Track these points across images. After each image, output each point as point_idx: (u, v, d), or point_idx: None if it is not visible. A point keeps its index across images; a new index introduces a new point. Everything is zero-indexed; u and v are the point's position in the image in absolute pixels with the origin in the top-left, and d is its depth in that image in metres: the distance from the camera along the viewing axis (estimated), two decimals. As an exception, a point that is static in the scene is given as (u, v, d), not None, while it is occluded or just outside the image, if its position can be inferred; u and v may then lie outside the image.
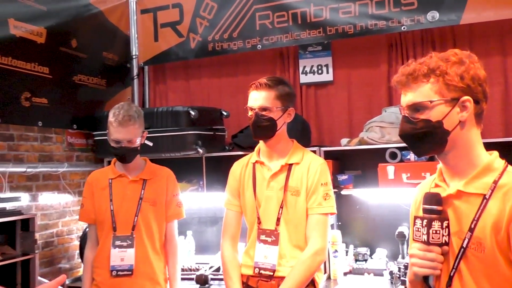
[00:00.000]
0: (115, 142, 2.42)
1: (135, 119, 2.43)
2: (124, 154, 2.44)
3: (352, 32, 3.37)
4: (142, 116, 2.51)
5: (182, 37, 3.92)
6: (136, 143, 2.45)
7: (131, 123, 2.40)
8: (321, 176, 2.20)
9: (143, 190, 2.52)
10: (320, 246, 2.13)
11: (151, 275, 2.50)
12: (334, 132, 3.64)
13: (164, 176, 2.62)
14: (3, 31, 2.87)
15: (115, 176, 2.54)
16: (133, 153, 2.48)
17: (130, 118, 2.40)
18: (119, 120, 2.38)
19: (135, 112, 2.44)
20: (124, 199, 2.50)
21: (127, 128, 2.39)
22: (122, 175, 2.54)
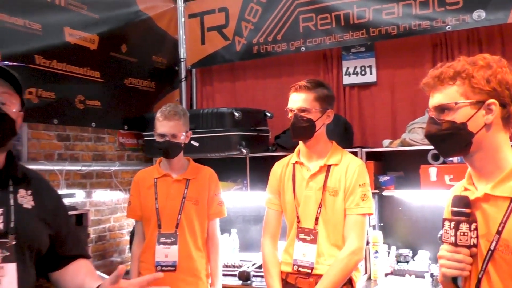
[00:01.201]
0: (160, 136, 2.54)
1: (180, 115, 2.56)
2: (168, 148, 2.55)
3: (395, 33, 3.36)
4: (187, 116, 2.63)
5: (228, 40, 4.03)
6: (180, 139, 2.56)
7: (176, 118, 2.54)
8: (359, 177, 2.24)
9: (186, 189, 2.63)
10: (357, 246, 2.17)
11: (193, 271, 2.61)
12: (377, 133, 3.64)
13: (206, 176, 2.72)
14: (59, 39, 3.07)
15: (160, 176, 2.66)
16: (176, 149, 2.59)
17: (175, 113, 2.54)
18: (165, 114, 2.53)
19: (181, 110, 2.59)
20: (168, 197, 2.62)
21: (172, 122, 2.53)
22: (167, 175, 2.65)
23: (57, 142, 3.22)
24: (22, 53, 2.82)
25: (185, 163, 2.72)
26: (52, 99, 3.01)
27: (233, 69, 4.19)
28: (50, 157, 3.15)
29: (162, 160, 2.71)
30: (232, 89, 4.21)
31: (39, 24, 2.92)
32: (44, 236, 1.50)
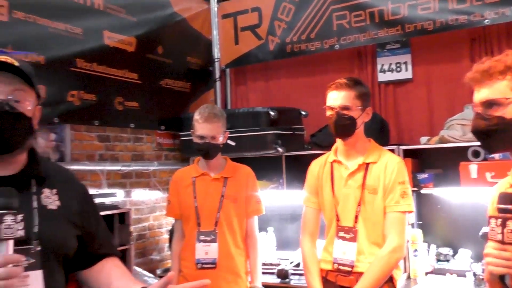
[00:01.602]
0: (199, 138, 2.57)
1: (219, 117, 2.59)
2: (208, 149, 2.58)
3: (431, 28, 3.32)
4: (225, 116, 2.66)
5: (261, 39, 4.06)
6: (219, 141, 2.60)
7: (215, 120, 2.56)
8: (398, 175, 2.23)
9: (224, 188, 2.65)
10: (397, 244, 2.16)
11: (233, 268, 2.63)
12: (413, 130, 3.60)
13: (244, 174, 2.74)
14: (99, 42, 3.15)
15: (198, 175, 2.69)
16: (215, 150, 2.62)
17: (214, 116, 2.56)
18: (205, 117, 2.55)
19: (219, 112, 2.62)
20: (206, 196, 2.65)
21: (212, 125, 2.55)
22: (205, 174, 2.69)
23: (98, 143, 3.31)
24: (64, 56, 2.90)
25: (222, 162, 2.74)
26: (93, 101, 3.09)
27: (267, 68, 4.21)
28: (91, 157, 3.24)
29: (200, 159, 2.74)
30: (265, 88, 4.23)
31: (80, 28, 3.00)
32: (71, 238, 1.42)
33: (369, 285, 2.13)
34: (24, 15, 2.69)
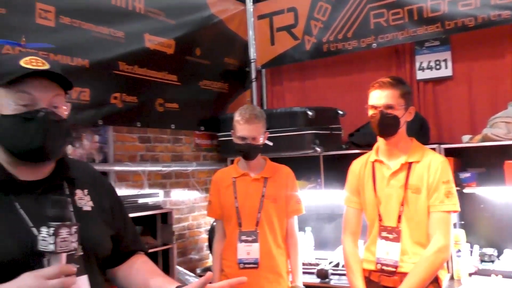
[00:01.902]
0: (240, 139, 2.59)
1: (260, 118, 2.60)
2: (248, 150, 2.60)
3: (473, 24, 3.25)
4: (265, 117, 2.67)
5: (297, 39, 4.06)
6: (259, 141, 2.61)
7: (257, 121, 2.57)
8: (442, 174, 2.20)
9: (265, 188, 2.66)
10: (443, 244, 2.13)
11: (274, 268, 2.64)
12: (454, 129, 3.54)
13: (284, 174, 2.75)
14: (140, 45, 3.21)
15: (238, 175, 2.71)
16: (256, 151, 2.63)
17: (255, 117, 2.57)
18: (246, 118, 2.56)
19: (259, 112, 2.63)
20: (247, 196, 2.66)
21: (253, 126, 2.56)
22: (245, 174, 2.70)
23: (139, 144, 3.38)
24: (107, 60, 2.97)
25: (262, 162, 2.76)
26: (134, 103, 3.16)
27: (303, 68, 4.21)
28: (133, 158, 3.31)
29: (240, 159, 2.76)
30: (302, 88, 4.23)
31: (122, 31, 3.07)
32: (108, 239, 1.40)
33: (415, 286, 2.11)
34: (70, 20, 2.77)
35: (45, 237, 1.10)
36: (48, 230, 1.10)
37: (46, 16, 2.65)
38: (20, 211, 1.21)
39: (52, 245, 1.09)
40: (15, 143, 1.23)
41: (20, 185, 1.24)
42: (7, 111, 1.21)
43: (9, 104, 1.21)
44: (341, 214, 3.77)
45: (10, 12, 2.48)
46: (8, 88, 1.21)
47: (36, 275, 1.09)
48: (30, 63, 1.22)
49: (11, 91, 1.21)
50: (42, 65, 1.24)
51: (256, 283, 2.58)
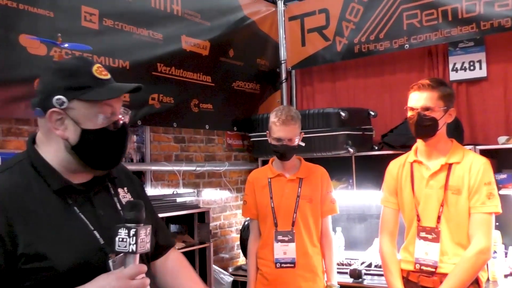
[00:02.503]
0: (276, 140, 2.61)
1: (296, 119, 2.62)
2: (284, 152, 2.62)
3: (509, 25, 3.23)
4: (300, 118, 2.69)
5: (328, 40, 4.08)
6: (295, 142, 2.63)
7: (293, 122, 2.59)
8: (484, 175, 2.20)
9: (300, 188, 2.68)
10: (485, 245, 2.13)
11: (310, 267, 2.66)
12: (488, 130, 3.53)
13: (318, 174, 2.76)
14: (177, 47, 3.28)
15: (273, 176, 2.74)
16: (292, 151, 2.65)
17: (292, 118, 2.59)
18: (283, 120, 2.58)
19: (295, 114, 2.65)
20: (283, 197, 2.69)
21: (289, 127, 2.58)
22: (280, 175, 2.72)
23: (174, 144, 3.44)
24: (146, 61, 3.05)
25: (297, 163, 2.78)
26: (171, 103, 3.22)
27: (333, 69, 4.23)
28: (168, 158, 3.38)
29: (274, 159, 2.79)
30: (332, 88, 4.25)
31: (160, 34, 3.14)
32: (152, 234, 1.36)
33: (455, 286, 2.12)
34: (113, 23, 2.84)
35: (124, 238, 1.15)
36: (127, 231, 1.15)
37: (90, 19, 2.73)
38: (81, 216, 1.25)
39: (134, 246, 1.14)
40: (99, 154, 1.27)
41: (76, 190, 1.27)
42: (90, 125, 1.24)
43: (97, 118, 1.24)
44: (371, 214, 3.86)
45: (58, 16, 2.56)
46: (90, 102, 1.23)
47: (118, 276, 1.14)
48: (100, 73, 1.26)
49: (94, 105, 1.24)
50: (107, 75, 1.29)
51: (293, 281, 2.61)
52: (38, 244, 1.15)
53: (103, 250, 1.22)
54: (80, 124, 1.23)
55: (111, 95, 1.25)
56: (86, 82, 1.23)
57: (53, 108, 1.21)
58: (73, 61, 1.32)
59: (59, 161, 1.26)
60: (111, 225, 1.21)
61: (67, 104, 1.21)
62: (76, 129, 1.23)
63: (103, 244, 1.23)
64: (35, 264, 1.14)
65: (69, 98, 1.21)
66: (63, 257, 1.16)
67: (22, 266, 1.13)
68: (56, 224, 1.19)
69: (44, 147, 1.28)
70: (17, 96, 2.40)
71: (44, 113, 1.22)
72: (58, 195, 1.23)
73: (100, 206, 1.30)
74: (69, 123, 1.23)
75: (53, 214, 1.21)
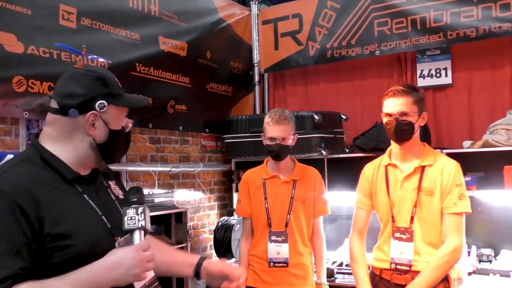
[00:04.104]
0: (270, 139, 2.66)
1: (289, 120, 2.68)
2: (278, 151, 2.66)
3: (474, 35, 3.40)
4: (294, 120, 2.75)
5: (301, 45, 4.17)
6: (289, 142, 2.68)
7: (286, 122, 2.65)
8: (455, 177, 2.32)
9: (294, 190, 2.74)
10: (458, 244, 2.24)
11: (302, 266, 2.72)
12: (453, 134, 3.68)
13: (312, 176, 2.82)
14: (155, 47, 3.28)
15: (268, 177, 2.78)
16: (285, 151, 2.70)
17: (285, 118, 2.66)
18: (276, 119, 2.64)
19: (288, 115, 2.71)
20: (277, 198, 2.73)
21: (282, 127, 2.64)
22: (275, 176, 2.76)
23: (150, 144, 3.44)
24: (125, 61, 3.04)
25: (291, 164, 2.83)
26: (150, 104, 3.21)
27: (306, 73, 4.32)
28: (144, 159, 3.37)
29: (269, 160, 2.83)
30: (304, 92, 4.33)
31: (138, 34, 3.13)
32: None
33: (426, 282, 2.21)
34: (91, 22, 2.82)
35: (132, 217, 1.30)
36: (135, 210, 1.30)
37: (68, 17, 2.70)
38: (90, 202, 1.38)
39: (143, 221, 1.30)
40: (117, 150, 1.47)
41: (85, 179, 1.41)
42: (115, 126, 1.42)
43: (121, 121, 1.44)
44: (342, 215, 3.96)
45: (35, 13, 2.53)
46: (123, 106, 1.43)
47: (134, 247, 1.28)
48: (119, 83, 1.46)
49: (121, 110, 1.43)
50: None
51: (285, 279, 2.68)
52: (61, 225, 1.27)
53: (111, 233, 1.37)
54: (108, 125, 1.40)
55: (139, 103, 1.51)
56: (118, 91, 1.42)
57: (93, 111, 1.36)
58: (104, 71, 1.46)
59: (77, 156, 1.40)
60: (111, 212, 1.40)
61: (106, 108, 1.38)
62: (105, 130, 1.40)
63: (110, 228, 1.37)
64: (60, 243, 1.25)
65: (108, 103, 1.38)
66: (83, 237, 1.29)
67: (48, 245, 1.24)
68: (73, 208, 1.32)
69: (57, 144, 1.39)
70: (-7, 94, 2.37)
71: (80, 114, 1.36)
72: (70, 184, 1.36)
73: (101, 194, 1.45)
74: (100, 124, 1.39)
75: (69, 200, 1.33)
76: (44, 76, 2.57)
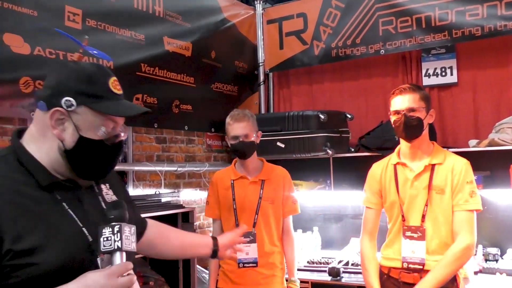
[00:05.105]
0: (233, 138, 2.68)
1: (249, 117, 2.71)
2: (243, 149, 2.68)
3: (479, 34, 3.39)
4: (254, 117, 2.78)
5: (306, 44, 4.16)
6: (252, 139, 2.69)
7: (246, 119, 2.68)
8: (466, 175, 2.33)
9: (262, 190, 2.75)
10: (470, 242, 2.24)
11: (270, 265, 2.75)
12: (458, 133, 3.68)
13: (280, 176, 2.84)
14: (160, 48, 3.28)
15: (236, 178, 2.79)
16: (250, 149, 2.71)
17: (244, 115, 2.70)
18: (235, 117, 2.69)
19: (248, 112, 2.75)
20: (245, 199, 2.75)
21: (242, 123, 2.67)
22: (243, 177, 2.78)
23: (156, 144, 3.44)
24: (130, 62, 3.03)
25: (259, 164, 2.84)
26: (154, 104, 3.22)
27: (311, 72, 4.31)
28: (150, 158, 3.37)
29: (237, 161, 2.84)
30: (309, 91, 4.33)
31: (142, 34, 3.13)
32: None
33: (437, 280, 2.20)
34: (96, 23, 2.82)
35: (108, 237, 1.14)
36: (111, 229, 1.14)
37: (74, 19, 2.70)
38: (70, 212, 1.22)
39: (119, 242, 1.13)
40: (89, 164, 1.26)
41: (64, 186, 1.25)
42: (90, 134, 1.22)
43: (98, 129, 1.23)
44: (347, 214, 3.96)
45: (41, 15, 2.53)
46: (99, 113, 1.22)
47: (106, 273, 1.11)
48: (115, 87, 1.26)
49: (101, 117, 1.23)
50: (120, 90, 1.29)
51: (254, 278, 2.71)
52: (27, 239, 1.11)
53: (91, 247, 1.21)
54: (80, 131, 1.22)
55: (121, 112, 1.25)
56: (99, 92, 1.23)
57: (59, 108, 1.19)
58: (92, 68, 1.27)
59: (50, 160, 1.23)
60: (97, 221, 1.21)
61: (74, 108, 1.20)
62: (74, 134, 1.22)
63: (92, 241, 1.21)
64: (22, 260, 1.10)
65: (78, 102, 1.20)
66: (52, 253, 1.13)
67: (8, 262, 1.09)
68: (45, 219, 1.17)
69: (35, 143, 1.24)
70: (1, 95, 2.36)
71: (48, 109, 1.20)
72: (46, 191, 1.20)
73: (86, 202, 1.29)
74: (69, 126, 1.22)
75: (42, 209, 1.17)
76: (50, 76, 2.57)
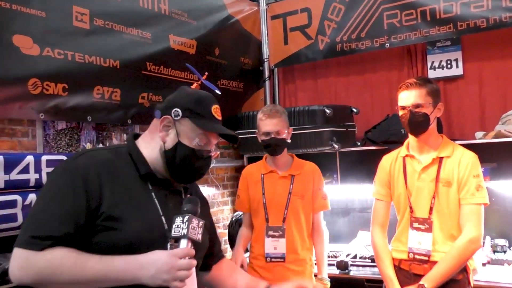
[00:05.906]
0: (264, 134, 2.68)
1: (281, 113, 2.71)
2: (274, 145, 2.68)
3: (484, 26, 3.39)
4: (286, 113, 2.77)
5: (310, 39, 4.17)
6: (283, 135, 2.69)
7: (278, 115, 2.68)
8: (472, 168, 2.34)
9: (292, 185, 2.76)
10: (475, 234, 2.26)
11: (299, 261, 2.75)
12: (464, 126, 3.68)
13: (310, 171, 2.84)
14: (165, 45, 3.29)
15: (266, 172, 2.81)
16: (281, 145, 2.71)
17: (277, 111, 2.69)
18: (268, 114, 2.67)
19: (280, 108, 2.75)
20: (275, 193, 2.76)
21: (275, 120, 2.66)
22: (273, 171, 2.80)
23: (162, 142, 3.45)
24: (136, 60, 3.06)
25: (289, 159, 2.85)
26: (160, 102, 3.23)
27: (315, 67, 4.32)
28: (158, 156, 3.39)
29: (268, 156, 2.85)
30: (314, 86, 4.33)
31: (149, 33, 3.14)
32: (207, 237, 1.60)
33: (445, 272, 2.24)
34: (103, 23, 2.84)
35: (179, 225, 1.36)
36: (182, 219, 1.36)
37: (82, 19, 2.72)
38: (155, 201, 1.47)
39: (185, 230, 1.34)
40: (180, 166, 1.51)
41: (159, 180, 1.52)
42: (186, 141, 1.49)
43: (193, 140, 1.50)
44: (354, 208, 3.98)
45: (49, 16, 2.55)
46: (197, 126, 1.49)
47: (170, 253, 1.33)
48: (216, 112, 1.55)
49: (198, 130, 1.50)
50: (219, 116, 1.56)
51: (282, 274, 2.70)
52: (118, 209, 1.37)
53: (165, 234, 1.41)
54: (179, 137, 1.49)
55: (210, 128, 1.52)
56: (202, 112, 1.51)
57: (168, 116, 1.48)
58: (204, 94, 1.56)
59: (153, 158, 1.50)
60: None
61: (179, 118, 1.48)
62: (174, 139, 1.49)
63: (166, 229, 1.43)
64: (109, 223, 1.35)
65: (183, 115, 1.48)
66: (132, 226, 1.37)
67: (100, 222, 1.34)
68: (135, 200, 1.42)
69: (145, 143, 1.54)
70: (10, 96, 2.39)
71: (161, 116, 1.49)
72: (142, 180, 1.48)
73: (171, 200, 1.52)
74: (172, 132, 1.49)
75: (135, 191, 1.44)
76: (58, 77, 2.59)
